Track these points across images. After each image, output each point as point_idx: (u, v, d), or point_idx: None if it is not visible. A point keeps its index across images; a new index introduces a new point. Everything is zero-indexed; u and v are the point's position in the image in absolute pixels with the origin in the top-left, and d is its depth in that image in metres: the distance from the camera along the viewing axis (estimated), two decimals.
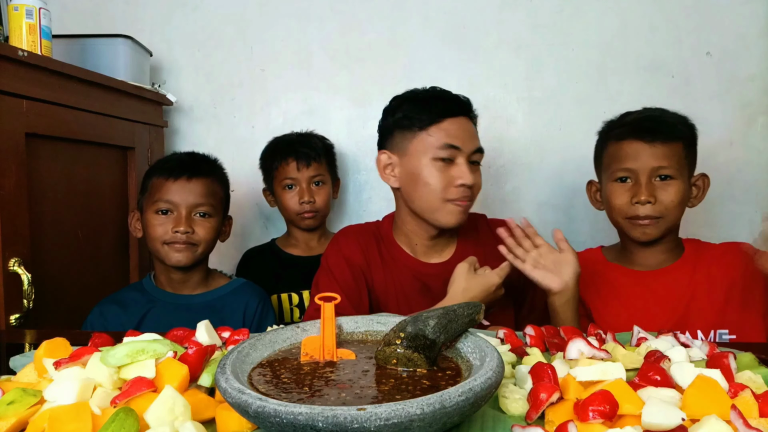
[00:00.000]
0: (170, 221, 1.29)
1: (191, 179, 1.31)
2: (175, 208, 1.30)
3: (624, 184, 1.24)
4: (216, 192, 1.37)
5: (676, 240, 1.30)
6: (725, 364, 0.66)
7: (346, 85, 1.90)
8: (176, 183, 1.30)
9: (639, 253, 1.29)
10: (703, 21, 1.78)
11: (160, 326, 1.28)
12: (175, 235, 1.28)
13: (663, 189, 1.20)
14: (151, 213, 1.31)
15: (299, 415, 0.45)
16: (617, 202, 1.24)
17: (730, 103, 1.78)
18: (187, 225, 1.29)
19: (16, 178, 1.16)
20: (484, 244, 1.31)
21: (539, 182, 1.88)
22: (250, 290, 1.40)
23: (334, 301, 0.72)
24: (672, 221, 1.23)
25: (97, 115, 1.45)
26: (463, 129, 1.22)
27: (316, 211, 1.66)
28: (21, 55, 1.16)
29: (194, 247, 1.31)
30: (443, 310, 0.66)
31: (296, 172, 1.64)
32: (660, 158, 1.19)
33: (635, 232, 1.23)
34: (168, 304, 1.34)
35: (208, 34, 1.93)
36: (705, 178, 1.27)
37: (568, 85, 1.83)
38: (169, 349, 0.65)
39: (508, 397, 0.61)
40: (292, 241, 1.74)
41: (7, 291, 1.14)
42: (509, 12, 1.84)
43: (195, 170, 1.33)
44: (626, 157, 1.22)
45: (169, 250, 1.30)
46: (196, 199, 1.31)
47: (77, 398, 0.57)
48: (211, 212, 1.34)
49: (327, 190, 1.69)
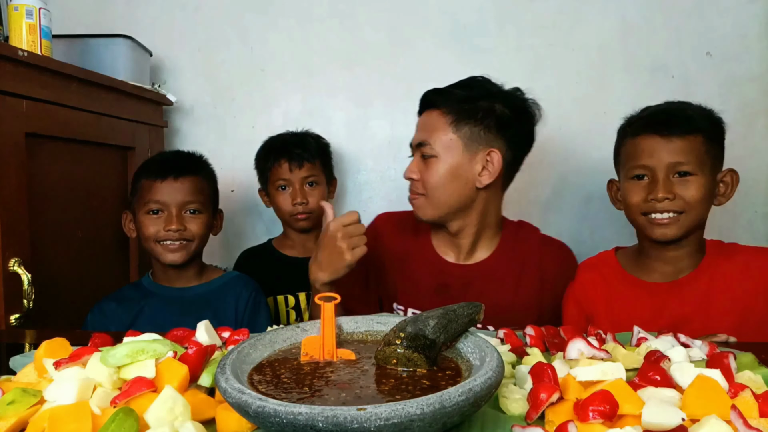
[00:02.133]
0: (161, 221, 1.33)
1: (178, 178, 1.34)
2: (165, 207, 1.33)
3: (641, 181, 1.17)
4: (203, 188, 1.40)
5: (698, 243, 1.20)
6: (725, 364, 0.66)
7: (346, 85, 1.90)
8: (164, 183, 1.33)
9: (657, 258, 1.21)
10: (703, 21, 1.78)
11: (156, 318, 1.32)
12: (168, 233, 1.31)
13: (682, 185, 1.12)
14: (142, 214, 1.34)
15: (299, 415, 0.45)
16: (633, 200, 1.17)
17: (730, 103, 1.77)
18: (178, 223, 1.32)
19: (16, 178, 1.16)
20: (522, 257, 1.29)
21: (539, 182, 1.88)
22: (242, 282, 1.43)
23: (334, 301, 0.72)
24: (693, 220, 1.14)
25: (97, 115, 1.45)
26: (420, 123, 1.27)
27: (310, 212, 1.65)
28: (21, 55, 1.16)
29: (188, 243, 1.34)
30: (443, 310, 0.66)
31: (289, 173, 1.63)
32: (677, 153, 1.12)
33: (654, 232, 1.15)
34: (163, 297, 1.37)
35: (208, 34, 1.93)
36: (733, 174, 1.17)
37: (568, 85, 1.83)
38: (169, 349, 0.65)
39: (508, 397, 0.61)
40: (288, 242, 1.73)
41: (7, 291, 1.14)
42: (509, 12, 1.84)
43: (181, 169, 1.36)
44: (642, 154, 1.15)
45: (163, 249, 1.33)
46: (185, 197, 1.34)
47: (77, 398, 0.57)
48: (200, 208, 1.37)
49: (321, 191, 1.67)
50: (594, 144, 1.82)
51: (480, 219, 1.26)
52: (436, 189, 1.20)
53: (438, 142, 1.20)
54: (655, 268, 1.22)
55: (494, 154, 1.19)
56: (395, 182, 1.92)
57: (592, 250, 1.45)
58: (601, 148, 1.81)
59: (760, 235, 1.79)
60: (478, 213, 1.25)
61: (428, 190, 1.21)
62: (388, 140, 1.91)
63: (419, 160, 1.24)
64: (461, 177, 1.20)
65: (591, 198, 1.84)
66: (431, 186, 1.21)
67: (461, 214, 1.24)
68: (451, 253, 1.31)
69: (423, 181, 1.22)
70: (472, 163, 1.20)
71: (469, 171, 1.20)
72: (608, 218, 1.83)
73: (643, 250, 1.24)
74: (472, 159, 1.20)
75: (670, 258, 1.20)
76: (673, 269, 1.20)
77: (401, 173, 1.92)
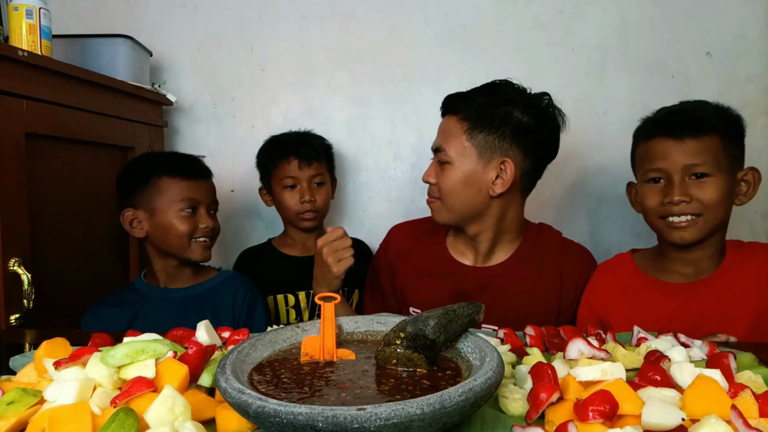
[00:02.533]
0: (193, 220, 1.36)
1: (207, 179, 1.42)
2: (198, 205, 1.38)
3: (656, 184, 1.16)
4: (215, 189, 1.46)
5: (719, 244, 1.18)
6: (725, 364, 0.66)
7: (346, 85, 1.90)
8: (197, 183, 1.38)
9: (677, 260, 1.20)
10: (703, 21, 1.77)
11: (153, 320, 1.32)
12: (205, 230, 1.37)
13: (698, 187, 1.10)
14: (172, 213, 1.35)
15: (299, 415, 0.45)
16: (650, 203, 1.16)
17: (730, 103, 1.76)
18: (212, 221, 1.39)
19: (16, 178, 1.16)
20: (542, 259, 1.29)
21: (539, 182, 1.87)
22: (238, 281, 1.44)
23: (334, 301, 0.72)
24: (713, 222, 1.12)
25: (97, 115, 1.45)
26: (440, 128, 1.27)
27: (317, 210, 1.65)
28: (21, 55, 1.16)
29: (214, 240, 1.42)
30: (443, 310, 0.66)
31: (298, 171, 1.63)
32: (691, 155, 1.10)
33: (672, 236, 1.14)
34: (159, 299, 1.37)
35: (208, 34, 1.93)
36: (755, 173, 1.14)
37: (568, 85, 1.83)
38: (169, 349, 0.65)
39: (508, 397, 0.61)
40: (289, 241, 1.73)
41: (7, 291, 1.13)
42: (509, 12, 1.84)
43: (204, 172, 1.43)
44: (656, 157, 1.14)
45: (195, 246, 1.37)
46: (210, 197, 1.42)
47: (77, 398, 0.57)
48: (216, 208, 1.45)
49: (327, 190, 1.68)
50: (594, 143, 1.82)
51: (497, 225, 1.25)
52: (450, 195, 1.21)
53: (453, 149, 1.20)
54: (675, 269, 1.20)
55: (508, 163, 1.19)
56: (395, 182, 1.92)
57: (592, 249, 1.44)
58: (601, 148, 1.82)
59: (761, 235, 1.79)
60: (494, 219, 1.25)
61: (443, 195, 1.22)
62: (388, 140, 1.91)
63: (436, 164, 1.24)
64: (474, 184, 1.20)
65: (591, 197, 1.84)
66: (446, 191, 1.21)
67: (477, 219, 1.24)
68: (468, 255, 1.32)
69: (438, 185, 1.23)
70: (486, 171, 1.19)
71: (483, 179, 1.19)
72: (608, 218, 1.84)
73: (663, 252, 1.23)
74: (486, 167, 1.19)
75: (690, 260, 1.19)
76: (694, 270, 1.19)
77: (401, 173, 1.94)
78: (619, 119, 1.78)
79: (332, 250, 1.19)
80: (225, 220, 1.53)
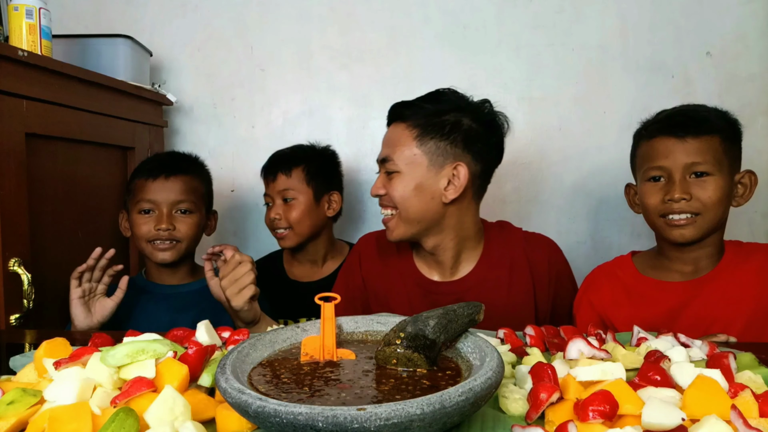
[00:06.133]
0: (152, 220, 1.34)
1: (169, 177, 1.35)
2: (156, 206, 1.34)
3: (657, 183, 1.17)
4: (196, 188, 1.40)
5: (718, 244, 1.20)
6: (725, 364, 0.66)
7: (346, 85, 1.90)
8: (155, 182, 1.34)
9: (676, 259, 1.21)
10: (703, 21, 1.78)
11: (150, 315, 1.33)
12: (158, 232, 1.33)
13: (699, 186, 1.12)
14: (135, 213, 1.35)
15: (299, 415, 0.45)
16: (650, 201, 1.17)
17: (729, 103, 1.76)
18: (168, 222, 1.33)
19: (16, 178, 1.16)
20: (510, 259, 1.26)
21: (539, 182, 1.88)
22: None
23: (334, 301, 0.72)
24: (711, 221, 1.14)
25: (97, 115, 1.45)
26: (385, 138, 1.25)
27: (285, 228, 1.55)
28: (21, 55, 1.16)
29: (178, 243, 1.35)
30: (443, 310, 0.66)
31: (268, 188, 1.59)
32: (693, 154, 1.12)
33: (672, 234, 1.15)
34: (157, 294, 1.38)
35: (208, 34, 1.93)
36: (751, 175, 1.17)
37: (568, 85, 1.83)
38: (169, 349, 0.65)
39: (508, 397, 0.61)
40: (298, 257, 1.65)
41: (7, 291, 1.14)
42: (509, 12, 1.84)
43: (173, 168, 1.37)
44: (658, 155, 1.15)
45: (153, 249, 1.34)
46: (176, 197, 1.35)
47: (77, 398, 0.57)
48: (191, 208, 1.38)
49: (300, 207, 1.55)
50: (593, 143, 1.82)
51: (456, 233, 1.22)
52: (403, 203, 1.17)
53: (401, 157, 1.17)
54: (674, 268, 1.22)
55: (461, 167, 1.16)
56: None
57: (592, 249, 1.45)
58: (601, 148, 1.82)
59: (761, 235, 1.79)
60: (452, 228, 1.22)
61: (397, 204, 1.19)
62: None
63: (384, 176, 1.21)
64: (427, 191, 1.17)
65: (591, 197, 1.84)
66: (398, 200, 1.18)
67: (434, 230, 1.21)
68: (435, 272, 1.28)
69: (390, 196, 1.19)
70: (438, 178, 1.17)
71: (434, 186, 1.17)
72: (608, 218, 1.84)
73: (662, 251, 1.24)
74: (438, 174, 1.17)
75: (689, 259, 1.20)
76: (692, 269, 1.20)
77: None
78: (619, 119, 1.78)
79: (231, 281, 1.11)
80: (225, 220, 1.52)
